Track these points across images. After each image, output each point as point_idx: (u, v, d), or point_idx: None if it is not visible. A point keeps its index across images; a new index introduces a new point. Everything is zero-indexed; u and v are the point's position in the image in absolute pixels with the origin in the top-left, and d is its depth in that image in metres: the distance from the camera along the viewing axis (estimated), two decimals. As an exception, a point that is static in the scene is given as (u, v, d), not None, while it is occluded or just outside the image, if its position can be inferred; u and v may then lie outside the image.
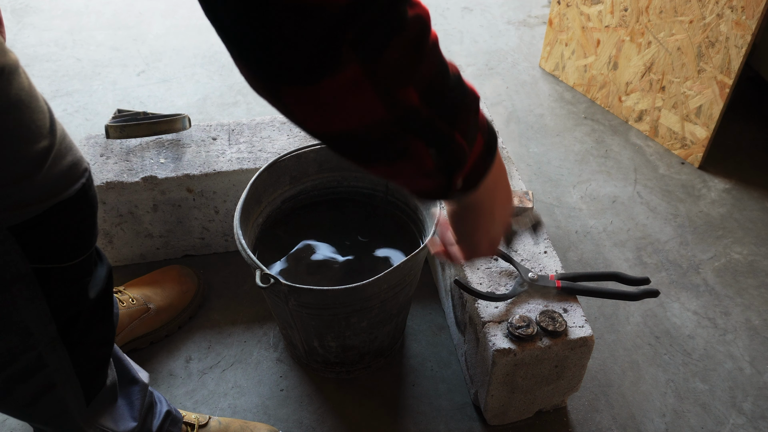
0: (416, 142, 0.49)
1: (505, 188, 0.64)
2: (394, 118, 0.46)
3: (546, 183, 1.63)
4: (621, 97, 1.79)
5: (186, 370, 1.21)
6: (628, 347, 1.26)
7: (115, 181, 1.25)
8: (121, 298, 1.19)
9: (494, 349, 0.98)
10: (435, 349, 1.24)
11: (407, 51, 0.44)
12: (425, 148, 0.49)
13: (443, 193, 0.55)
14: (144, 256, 1.38)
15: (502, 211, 0.65)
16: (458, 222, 0.65)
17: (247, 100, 1.89)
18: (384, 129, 0.46)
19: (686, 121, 1.64)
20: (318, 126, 0.46)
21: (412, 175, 0.52)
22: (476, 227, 0.64)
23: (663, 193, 1.60)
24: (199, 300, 1.28)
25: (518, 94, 1.93)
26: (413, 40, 0.44)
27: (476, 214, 0.63)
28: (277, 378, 1.20)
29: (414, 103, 0.46)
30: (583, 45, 1.84)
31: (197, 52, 2.09)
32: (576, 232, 1.50)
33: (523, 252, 1.12)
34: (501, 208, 0.65)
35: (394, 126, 0.46)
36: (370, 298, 1.00)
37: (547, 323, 0.99)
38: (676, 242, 1.48)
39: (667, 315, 1.32)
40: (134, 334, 1.19)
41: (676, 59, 1.60)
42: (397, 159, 0.50)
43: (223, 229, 1.37)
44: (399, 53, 0.43)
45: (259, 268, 0.95)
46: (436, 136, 0.49)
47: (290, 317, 1.05)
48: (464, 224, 0.65)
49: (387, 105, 0.45)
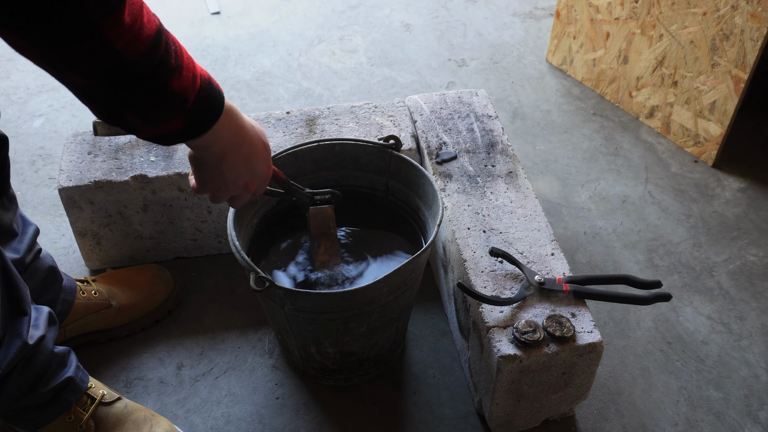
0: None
1: (245, 151, 0.82)
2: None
3: (553, 182, 1.63)
4: (631, 93, 1.80)
5: (177, 378, 1.21)
6: (639, 353, 1.26)
7: (104, 180, 1.26)
8: (84, 289, 1.21)
9: (499, 356, 0.98)
10: (437, 355, 1.25)
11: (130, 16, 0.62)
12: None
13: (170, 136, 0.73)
14: (134, 258, 1.38)
15: (234, 168, 0.82)
16: (192, 159, 0.84)
17: (240, 95, 1.89)
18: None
19: (699, 117, 1.64)
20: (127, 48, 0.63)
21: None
22: (205, 170, 0.83)
23: (675, 193, 1.60)
24: (170, 305, 1.29)
25: (524, 89, 1.93)
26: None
27: (205, 160, 0.81)
28: (272, 386, 1.20)
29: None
30: (591, 38, 1.84)
31: (189, 45, 2.09)
32: (584, 234, 1.50)
33: (529, 254, 1.12)
34: (232, 166, 0.82)
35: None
36: (369, 302, 1.00)
37: (555, 328, 0.99)
38: (689, 244, 1.48)
39: (680, 320, 1.32)
40: (89, 327, 1.22)
41: (689, 53, 1.61)
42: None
43: (216, 230, 1.37)
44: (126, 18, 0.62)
45: (254, 270, 0.95)
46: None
47: (286, 322, 1.05)
48: (196, 164, 0.83)
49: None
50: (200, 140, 0.76)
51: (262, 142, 0.86)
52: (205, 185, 0.85)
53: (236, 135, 0.80)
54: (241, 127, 0.81)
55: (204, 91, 0.72)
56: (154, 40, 0.65)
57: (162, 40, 0.66)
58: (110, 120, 0.69)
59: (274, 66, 2.02)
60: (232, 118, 0.78)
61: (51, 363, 1.01)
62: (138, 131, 0.71)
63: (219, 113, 0.75)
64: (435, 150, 1.33)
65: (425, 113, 1.42)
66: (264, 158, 0.87)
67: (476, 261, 1.12)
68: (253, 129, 0.84)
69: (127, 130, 0.72)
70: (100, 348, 1.25)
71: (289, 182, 1.05)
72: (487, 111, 1.42)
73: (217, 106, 0.75)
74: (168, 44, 0.67)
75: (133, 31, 0.63)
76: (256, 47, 2.09)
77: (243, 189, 0.87)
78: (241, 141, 0.81)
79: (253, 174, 0.86)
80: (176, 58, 0.68)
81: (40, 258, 1.12)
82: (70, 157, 1.31)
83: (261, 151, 0.86)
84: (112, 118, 0.69)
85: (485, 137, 1.36)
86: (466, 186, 1.25)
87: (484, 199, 1.23)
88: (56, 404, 1.02)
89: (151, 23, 0.65)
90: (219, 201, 0.88)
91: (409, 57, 2.06)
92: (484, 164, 1.30)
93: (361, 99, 1.88)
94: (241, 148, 0.82)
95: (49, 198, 1.56)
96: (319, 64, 2.03)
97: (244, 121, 0.82)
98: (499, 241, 1.15)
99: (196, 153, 0.81)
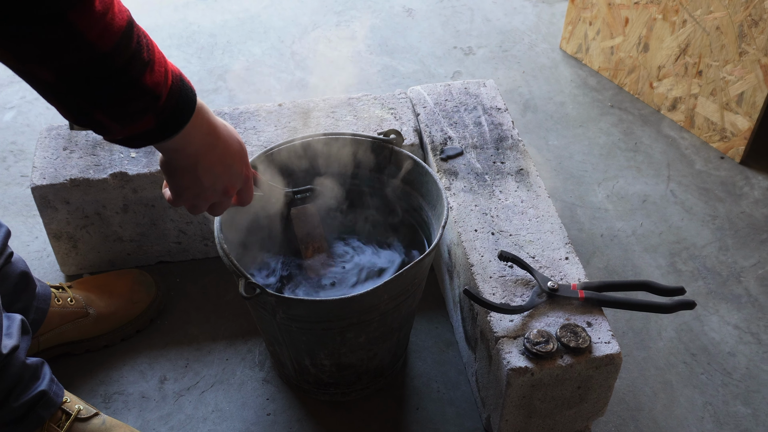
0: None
1: (220, 151, 0.82)
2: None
3: (567, 180, 1.63)
4: (652, 83, 1.80)
5: (160, 392, 1.21)
6: (661, 366, 1.26)
7: (80, 178, 1.26)
8: (60, 296, 1.21)
9: (509, 368, 0.98)
10: (442, 368, 1.24)
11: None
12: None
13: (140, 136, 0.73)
14: (113, 263, 1.38)
15: (210, 171, 0.82)
16: (164, 166, 0.84)
17: (228, 86, 1.89)
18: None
19: (726, 110, 1.64)
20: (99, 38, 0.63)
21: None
22: (179, 177, 0.83)
23: (700, 192, 1.60)
24: (152, 314, 1.29)
25: (536, 80, 1.93)
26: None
27: (179, 164, 0.81)
28: (263, 401, 1.20)
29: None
30: (609, 24, 1.84)
31: (173, 31, 2.10)
32: (601, 236, 1.50)
33: (542, 258, 1.12)
34: (207, 169, 0.82)
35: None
36: (368, 310, 1.00)
37: (569, 339, 0.99)
38: (715, 247, 1.48)
39: (705, 329, 1.32)
40: (64, 337, 1.21)
41: (714, 40, 1.61)
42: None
43: (203, 232, 1.37)
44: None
45: (243, 276, 0.95)
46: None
47: (278, 332, 1.05)
48: (169, 171, 0.83)
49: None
50: (172, 141, 0.76)
51: (236, 140, 0.86)
52: (181, 195, 0.85)
53: (209, 135, 0.80)
54: (214, 126, 0.81)
55: (176, 87, 0.73)
56: (126, 31, 0.65)
57: (134, 32, 0.67)
58: (79, 120, 0.69)
59: (265, 54, 2.02)
60: (204, 117, 0.79)
61: (23, 375, 1.00)
62: (107, 132, 0.71)
63: (191, 111, 0.76)
64: (439, 145, 1.33)
65: (429, 105, 1.42)
66: (240, 157, 0.87)
67: (484, 266, 1.11)
68: (225, 128, 0.85)
69: (95, 131, 0.72)
70: (76, 360, 1.25)
71: (267, 183, 1.05)
72: (496, 103, 1.42)
73: (190, 104, 0.75)
74: (140, 37, 0.68)
75: (104, 21, 0.63)
76: (245, 34, 2.09)
77: (222, 194, 0.87)
78: (214, 141, 0.81)
79: (231, 175, 0.86)
80: (148, 51, 0.69)
81: (11, 263, 1.12)
82: (44, 153, 1.31)
83: (237, 150, 0.86)
84: (82, 117, 0.69)
85: (494, 131, 1.36)
86: (473, 184, 1.25)
87: (492, 199, 1.22)
88: (28, 420, 1.01)
89: (122, 13, 0.65)
90: (198, 211, 0.88)
91: (412, 44, 2.06)
92: (492, 161, 1.30)
93: (360, 90, 1.88)
94: (215, 149, 0.82)
95: (22, 197, 1.56)
96: (313, 53, 2.03)
97: (216, 120, 0.82)
98: (509, 244, 1.15)
99: (168, 157, 0.81)
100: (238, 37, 2.08)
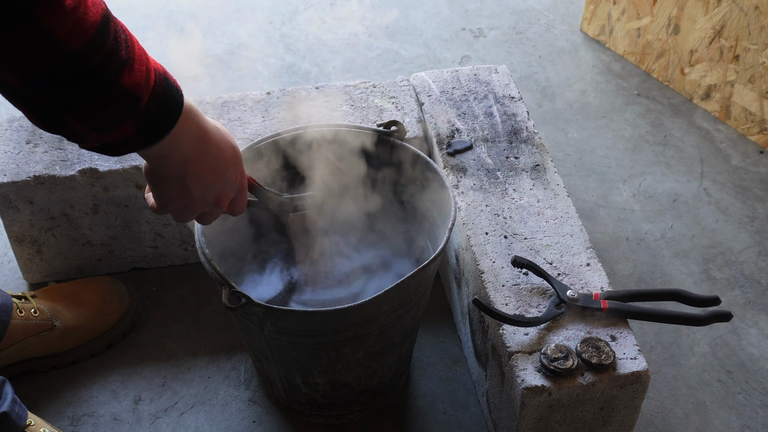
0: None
1: (212, 159, 0.82)
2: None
3: (589, 177, 1.63)
4: (683, 69, 1.80)
5: (134, 414, 1.21)
6: (693, 384, 1.27)
7: (45, 175, 1.26)
8: (23, 306, 1.21)
9: (524, 387, 0.98)
10: (449, 386, 1.25)
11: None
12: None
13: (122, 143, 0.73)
14: (81, 270, 1.38)
15: (201, 180, 0.82)
16: (149, 174, 0.83)
17: (210, 72, 1.90)
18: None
19: (766, 99, 1.64)
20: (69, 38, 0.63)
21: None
22: (165, 186, 0.82)
23: (737, 190, 1.61)
24: (125, 326, 1.30)
25: (554, 65, 1.93)
26: None
27: (165, 173, 0.81)
28: (249, 423, 1.20)
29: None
30: (635, 3, 1.85)
31: (148, 11, 2.10)
32: (627, 240, 1.50)
33: (560, 264, 1.13)
34: (198, 178, 0.81)
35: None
36: (366, 322, 1.00)
37: (591, 354, 0.99)
38: (754, 252, 1.48)
39: (742, 344, 1.33)
40: (28, 353, 1.21)
41: (753, 21, 1.61)
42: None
43: (182, 235, 1.38)
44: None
45: (227, 284, 0.95)
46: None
47: (266, 347, 1.06)
48: (154, 180, 0.83)
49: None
50: (156, 149, 0.75)
51: (230, 145, 0.85)
52: (167, 205, 0.84)
53: (199, 140, 0.79)
54: (204, 130, 0.80)
55: (159, 88, 0.72)
56: (100, 26, 0.65)
57: (110, 27, 0.66)
58: (49, 127, 0.69)
59: (252, 37, 2.02)
60: (193, 120, 0.77)
61: None
62: (82, 139, 0.71)
63: (178, 114, 0.74)
64: (446, 138, 1.33)
65: (434, 94, 1.42)
66: (235, 164, 0.86)
67: (496, 273, 1.12)
68: (218, 131, 0.84)
69: (69, 139, 0.71)
70: (41, 378, 1.25)
71: (263, 189, 1.05)
72: (509, 91, 1.43)
73: (176, 106, 0.74)
74: (117, 32, 0.67)
75: (75, 17, 0.62)
76: (229, 14, 2.10)
77: (214, 204, 0.86)
78: (205, 147, 0.80)
79: (224, 184, 0.85)
80: (127, 48, 0.68)
81: None
82: (5, 147, 1.31)
83: (231, 156, 0.85)
84: (52, 124, 0.68)
85: (507, 123, 1.36)
86: (483, 182, 1.26)
87: (505, 198, 1.23)
88: None
89: (96, 6, 0.65)
90: (185, 221, 0.87)
91: (415, 26, 2.06)
92: (505, 156, 1.30)
93: (357, 77, 1.89)
94: (207, 156, 0.81)
95: (-20, 196, 1.56)
96: (305, 35, 2.03)
97: (207, 123, 0.81)
98: (524, 249, 1.15)
99: (154, 165, 0.80)
100: (222, 17, 2.09)
